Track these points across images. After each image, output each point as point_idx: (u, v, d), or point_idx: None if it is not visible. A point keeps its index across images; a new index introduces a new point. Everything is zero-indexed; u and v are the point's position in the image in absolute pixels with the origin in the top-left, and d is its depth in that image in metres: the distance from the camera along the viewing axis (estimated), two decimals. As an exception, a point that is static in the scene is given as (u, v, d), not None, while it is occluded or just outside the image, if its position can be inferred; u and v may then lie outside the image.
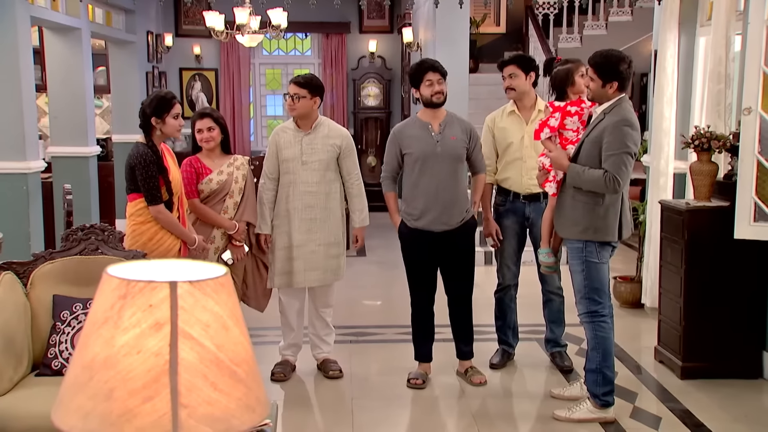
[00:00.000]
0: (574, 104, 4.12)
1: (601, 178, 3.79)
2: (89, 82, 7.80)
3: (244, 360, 1.35)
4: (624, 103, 3.88)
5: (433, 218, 4.40)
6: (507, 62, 4.78)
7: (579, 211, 3.92)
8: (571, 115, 4.08)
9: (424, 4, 8.40)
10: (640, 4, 9.36)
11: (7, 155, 5.90)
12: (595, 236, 3.90)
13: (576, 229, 3.94)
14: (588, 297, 3.98)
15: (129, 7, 8.97)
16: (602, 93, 3.87)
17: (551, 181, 4.09)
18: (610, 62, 3.86)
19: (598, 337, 3.99)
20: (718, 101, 5.12)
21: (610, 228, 3.91)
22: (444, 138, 4.41)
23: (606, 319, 4.00)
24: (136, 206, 4.13)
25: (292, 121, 4.64)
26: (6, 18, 5.80)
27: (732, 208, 4.47)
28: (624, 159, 3.79)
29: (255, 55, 11.74)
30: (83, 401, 1.28)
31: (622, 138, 3.78)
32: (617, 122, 3.79)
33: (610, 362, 4.02)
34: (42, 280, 3.42)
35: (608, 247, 3.97)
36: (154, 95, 4.19)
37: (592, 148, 3.85)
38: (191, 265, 1.42)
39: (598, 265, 3.95)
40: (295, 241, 4.56)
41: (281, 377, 4.63)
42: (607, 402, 4.04)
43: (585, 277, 3.96)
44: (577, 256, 3.98)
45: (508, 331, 4.93)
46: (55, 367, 3.27)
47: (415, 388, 4.51)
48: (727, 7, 5.08)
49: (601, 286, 3.98)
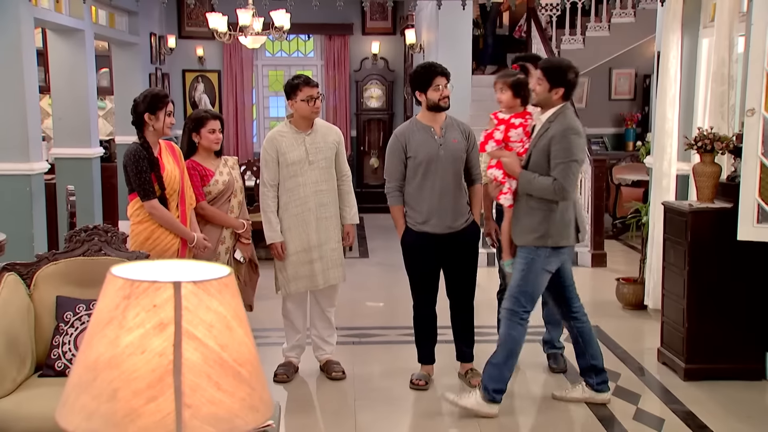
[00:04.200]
0: (518, 116, 4.15)
1: (550, 186, 3.90)
2: (92, 83, 7.81)
3: (248, 360, 1.35)
4: (567, 111, 4.00)
5: (438, 221, 4.40)
6: (515, 62, 4.77)
7: (535, 219, 3.99)
8: (515, 127, 4.12)
9: (427, 5, 8.40)
10: (643, 6, 9.37)
11: (10, 156, 5.91)
12: (551, 242, 3.99)
13: (533, 236, 4.01)
14: (516, 297, 4.06)
15: (132, 8, 8.99)
16: (547, 98, 3.98)
17: (506, 193, 4.12)
18: (560, 69, 4.00)
19: (510, 336, 4.09)
20: (721, 103, 5.12)
21: (565, 233, 4.01)
22: (446, 141, 4.41)
23: (524, 323, 4.09)
24: (134, 206, 4.15)
25: (285, 124, 4.60)
26: (9, 19, 5.81)
27: (735, 209, 4.47)
28: (571, 167, 3.91)
29: (258, 57, 11.75)
30: (87, 401, 1.28)
31: (569, 146, 3.90)
32: (563, 131, 3.89)
33: (510, 363, 4.12)
34: (45, 281, 3.43)
35: (559, 255, 4.05)
36: (148, 92, 4.23)
37: (540, 157, 3.95)
38: (195, 266, 1.42)
39: (542, 271, 4.03)
40: (313, 242, 4.52)
41: (284, 378, 4.63)
42: (494, 399, 4.11)
43: (522, 278, 4.04)
44: (525, 257, 4.05)
45: None
46: (59, 368, 3.27)
47: (418, 390, 4.51)
48: (731, 9, 5.08)
49: (533, 292, 4.07)
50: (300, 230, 4.53)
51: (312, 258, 4.53)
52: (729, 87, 5.10)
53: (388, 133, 10.23)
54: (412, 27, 9.75)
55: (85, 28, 7.50)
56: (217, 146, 4.53)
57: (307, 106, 4.47)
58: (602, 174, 7.95)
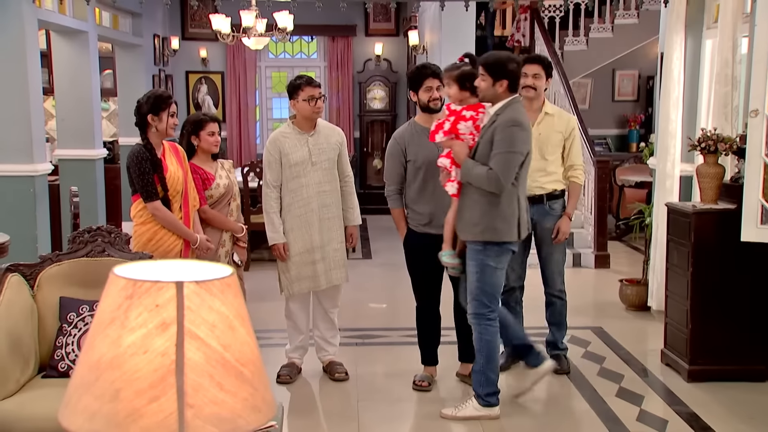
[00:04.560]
0: (470, 109, 4.13)
1: (484, 175, 3.88)
2: (96, 85, 7.82)
3: (251, 360, 1.36)
4: (515, 104, 3.99)
5: (439, 223, 4.37)
6: (534, 60, 4.73)
7: (477, 212, 3.98)
8: (465, 120, 4.10)
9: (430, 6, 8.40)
10: (647, 7, 9.34)
11: (14, 158, 5.92)
12: (494, 236, 3.97)
13: (476, 229, 4.00)
14: (478, 299, 4.05)
15: (136, 10, 8.99)
16: (493, 92, 3.97)
17: (452, 181, 4.10)
18: (500, 61, 3.98)
19: (484, 339, 4.09)
20: (725, 104, 5.11)
21: (508, 229, 3.98)
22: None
23: (493, 322, 4.08)
24: (137, 207, 4.16)
25: (288, 125, 4.61)
26: (13, 21, 5.82)
27: (739, 210, 4.46)
28: (509, 158, 3.88)
29: (261, 58, 11.76)
30: (90, 401, 1.28)
31: (510, 138, 3.88)
32: (506, 122, 3.89)
33: (493, 365, 4.12)
34: (49, 282, 3.43)
35: (507, 252, 4.05)
36: (151, 93, 4.25)
37: (485, 149, 3.95)
38: (197, 266, 1.42)
39: (495, 269, 4.02)
40: (316, 243, 4.53)
41: (287, 380, 4.63)
42: (490, 402, 4.11)
43: (478, 279, 4.03)
44: (475, 258, 4.04)
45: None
46: (62, 369, 3.27)
47: (421, 391, 4.51)
48: (734, 10, 5.07)
49: (493, 290, 4.06)
50: (303, 231, 4.53)
51: (315, 259, 4.53)
52: (732, 88, 5.09)
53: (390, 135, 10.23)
54: (415, 28, 9.75)
55: (89, 29, 7.51)
56: (216, 149, 4.55)
57: (308, 106, 4.47)
58: (605, 175, 7.94)
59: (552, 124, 4.73)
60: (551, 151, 4.72)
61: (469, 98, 4.14)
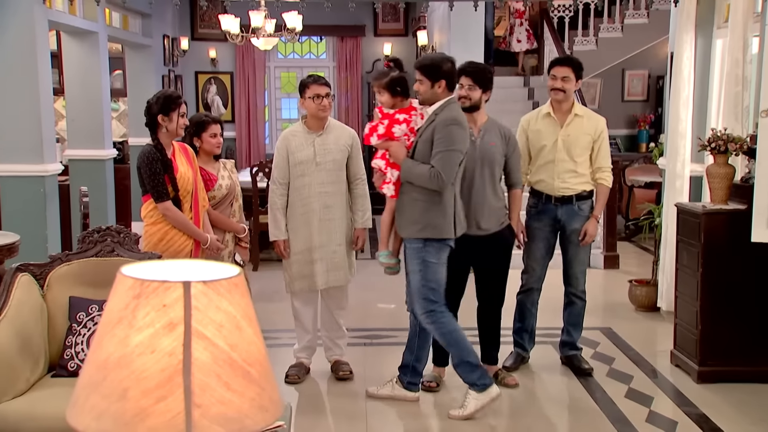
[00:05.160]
0: (403, 112, 4.16)
1: (426, 173, 3.92)
2: (106, 85, 7.85)
3: (258, 360, 1.36)
4: (453, 104, 4.07)
5: (469, 223, 4.34)
6: (563, 62, 4.73)
7: (418, 210, 4.02)
8: (399, 123, 4.13)
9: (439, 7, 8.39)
10: (656, 6, 9.32)
11: (24, 158, 5.94)
12: (434, 233, 4.01)
13: (415, 227, 4.04)
14: (424, 297, 4.08)
15: (146, 11, 9.02)
16: (432, 93, 4.04)
17: (388, 183, 4.13)
18: (435, 63, 4.05)
19: (444, 333, 4.12)
20: (735, 103, 5.09)
21: (447, 225, 4.04)
22: (483, 143, 4.39)
23: (444, 314, 4.12)
24: (147, 207, 4.17)
25: (299, 124, 4.64)
26: (24, 22, 5.85)
27: (749, 211, 4.44)
28: (450, 155, 3.93)
29: (270, 59, 11.78)
30: (97, 401, 1.28)
31: (449, 136, 3.93)
32: (445, 121, 3.95)
33: (466, 351, 4.11)
34: (58, 282, 3.45)
35: (446, 248, 4.08)
36: (161, 93, 4.25)
37: (424, 148, 3.99)
38: (205, 266, 1.43)
39: (436, 265, 4.06)
40: (315, 243, 4.54)
41: (295, 379, 4.64)
42: (485, 384, 4.10)
43: (422, 277, 4.06)
44: (415, 256, 4.07)
45: (525, 335, 4.90)
46: (71, 369, 3.29)
47: (429, 391, 4.50)
48: (745, 9, 5.05)
49: (437, 286, 4.10)
50: (303, 230, 4.56)
51: (313, 258, 4.55)
52: (743, 88, 5.06)
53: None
54: (424, 28, 9.75)
55: (99, 30, 7.54)
56: (218, 150, 4.57)
57: (313, 104, 4.50)
58: (615, 175, 7.89)
59: (581, 125, 4.71)
60: (579, 152, 4.70)
61: (401, 102, 4.21)
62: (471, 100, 4.39)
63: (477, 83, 4.38)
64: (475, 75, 4.39)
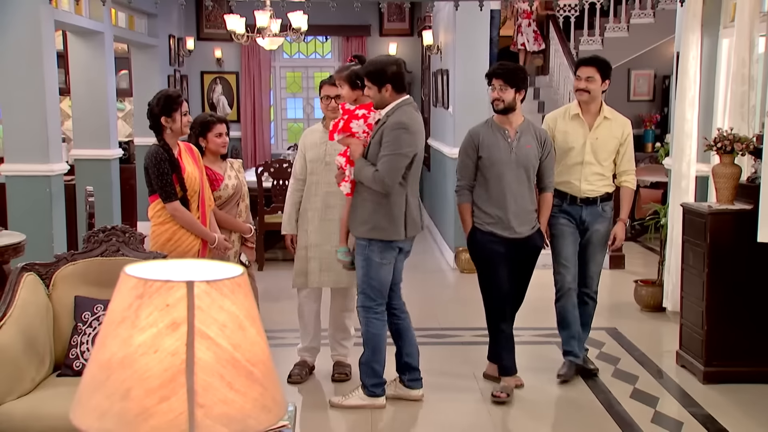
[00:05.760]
0: (363, 107, 4.20)
1: (371, 175, 3.98)
2: (112, 85, 7.87)
3: (261, 360, 1.35)
4: (405, 107, 4.08)
5: (504, 226, 4.33)
6: (587, 63, 4.65)
7: (367, 210, 4.07)
8: (357, 118, 4.17)
9: (445, 7, 8.38)
10: (662, 6, 9.30)
11: (30, 158, 5.96)
12: (382, 235, 4.06)
13: (364, 228, 4.09)
14: (365, 293, 4.16)
15: (151, 11, 9.04)
16: (381, 98, 4.07)
17: (346, 180, 4.16)
18: (379, 68, 4.07)
19: (370, 333, 4.21)
20: (742, 103, 5.07)
21: (393, 228, 4.07)
22: (519, 145, 4.33)
23: (379, 316, 4.19)
24: (155, 207, 4.16)
25: (320, 123, 4.70)
26: (30, 22, 5.86)
27: (755, 211, 4.42)
28: (395, 160, 3.97)
29: (275, 58, 11.79)
30: (100, 400, 1.28)
31: (396, 140, 3.97)
32: (393, 125, 4.00)
33: (378, 357, 4.24)
34: (64, 282, 3.45)
35: (392, 249, 4.12)
36: (161, 94, 4.23)
37: (375, 149, 4.05)
38: (208, 265, 1.43)
39: (379, 264, 4.10)
40: (311, 241, 4.57)
41: (298, 379, 4.64)
42: (375, 393, 4.26)
43: (365, 273, 4.13)
44: (360, 253, 4.14)
45: (573, 341, 4.69)
46: (77, 368, 3.29)
47: (500, 404, 4.35)
48: (751, 8, 5.03)
49: (379, 285, 4.14)
50: (306, 227, 4.61)
51: (310, 256, 4.58)
52: (749, 87, 5.05)
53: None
54: (429, 28, 9.73)
55: (105, 30, 7.55)
56: (224, 150, 4.58)
57: (322, 104, 4.61)
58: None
59: (610, 129, 4.63)
60: (606, 156, 4.62)
61: (363, 97, 4.22)
62: (504, 102, 4.29)
63: (509, 83, 4.28)
64: (506, 76, 4.29)
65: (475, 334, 5.50)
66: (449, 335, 5.67)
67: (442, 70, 8.54)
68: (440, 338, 5.61)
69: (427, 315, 6.10)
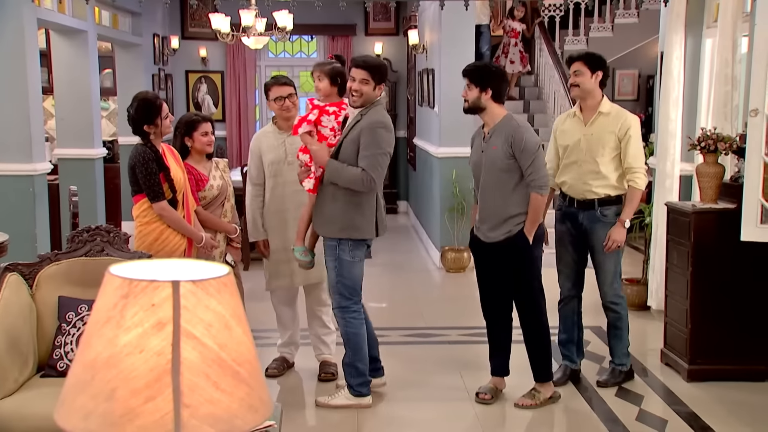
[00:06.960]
0: (334, 105, 4.24)
1: (358, 175, 3.97)
2: (95, 84, 7.82)
3: (247, 360, 1.35)
4: (378, 106, 4.13)
5: (478, 229, 4.26)
6: (575, 58, 4.60)
7: (338, 210, 4.06)
8: (328, 114, 4.20)
9: (430, 6, 8.39)
10: (647, 6, 9.35)
11: (13, 157, 5.92)
12: (353, 234, 4.06)
13: (334, 227, 4.08)
14: (339, 293, 4.16)
15: (135, 9, 8.99)
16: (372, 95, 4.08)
17: (310, 177, 4.15)
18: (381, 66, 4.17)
19: (349, 332, 4.20)
20: (725, 103, 5.11)
21: (367, 226, 4.08)
22: (488, 146, 4.15)
23: (356, 315, 4.18)
24: (140, 207, 4.14)
25: (271, 124, 4.70)
26: (13, 20, 5.82)
27: (738, 210, 4.45)
28: (380, 159, 4.01)
29: (261, 58, 11.75)
30: (85, 401, 1.27)
31: (378, 139, 3.99)
32: (373, 123, 4.01)
33: (361, 356, 4.22)
34: (47, 282, 3.43)
35: (363, 246, 4.14)
36: (139, 101, 4.13)
37: (351, 147, 4.03)
38: (194, 265, 1.42)
39: (351, 262, 4.11)
40: (289, 242, 4.53)
41: (275, 373, 4.67)
42: (361, 392, 4.25)
43: (337, 274, 4.13)
44: (331, 253, 4.13)
45: (571, 346, 4.69)
46: (61, 369, 3.27)
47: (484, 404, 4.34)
48: (734, 9, 5.07)
49: (353, 283, 4.15)
50: (279, 229, 4.59)
51: (290, 257, 4.55)
52: (732, 87, 5.09)
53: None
54: (415, 27, 9.74)
55: (89, 29, 7.50)
56: (210, 149, 4.54)
57: (275, 105, 4.59)
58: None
59: (605, 124, 4.45)
60: (602, 152, 4.41)
61: (335, 95, 4.25)
62: (468, 101, 4.15)
63: (473, 82, 4.11)
64: (471, 74, 4.14)
65: (461, 333, 5.52)
66: (435, 334, 5.68)
67: (428, 70, 8.54)
68: (426, 337, 5.61)
69: (412, 314, 6.11)
